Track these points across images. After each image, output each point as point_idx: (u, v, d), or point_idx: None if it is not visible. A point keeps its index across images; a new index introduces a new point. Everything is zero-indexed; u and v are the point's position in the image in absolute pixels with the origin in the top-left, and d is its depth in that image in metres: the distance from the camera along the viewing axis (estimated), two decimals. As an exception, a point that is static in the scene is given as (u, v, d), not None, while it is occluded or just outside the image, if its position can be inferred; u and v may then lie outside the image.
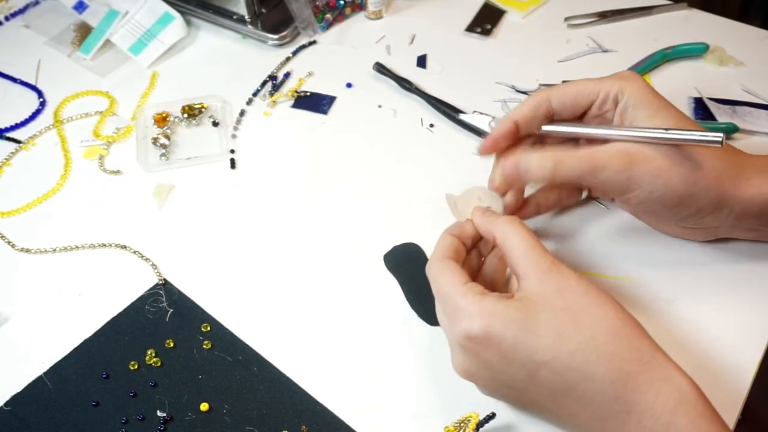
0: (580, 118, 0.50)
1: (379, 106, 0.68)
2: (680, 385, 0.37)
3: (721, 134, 0.43)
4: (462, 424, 0.43)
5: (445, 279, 0.42)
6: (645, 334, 0.39)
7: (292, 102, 0.70)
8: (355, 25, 0.79)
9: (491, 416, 0.43)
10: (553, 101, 0.49)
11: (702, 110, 0.64)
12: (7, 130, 0.69)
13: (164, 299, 0.53)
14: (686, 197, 0.46)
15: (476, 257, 0.48)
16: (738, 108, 0.63)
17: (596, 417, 0.38)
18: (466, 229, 0.47)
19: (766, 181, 0.46)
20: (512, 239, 0.42)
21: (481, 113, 0.65)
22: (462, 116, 0.60)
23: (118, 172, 0.64)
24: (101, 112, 0.70)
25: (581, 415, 0.39)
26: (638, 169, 0.45)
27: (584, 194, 0.56)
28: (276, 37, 0.76)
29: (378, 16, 0.78)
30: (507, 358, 0.39)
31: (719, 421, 0.36)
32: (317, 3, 0.77)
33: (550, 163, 0.46)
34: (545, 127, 0.50)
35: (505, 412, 0.45)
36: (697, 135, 0.43)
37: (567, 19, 0.75)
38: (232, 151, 0.65)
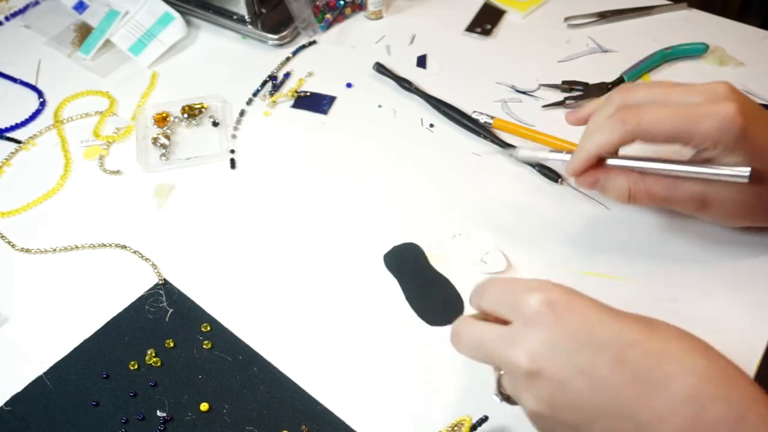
0: None
1: (379, 106, 0.68)
2: (751, 386, 0.33)
3: (749, 169, 0.44)
4: (455, 428, 0.43)
5: (478, 325, 0.39)
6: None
7: (292, 102, 0.70)
8: (355, 25, 0.79)
9: (484, 419, 0.43)
10: (640, 138, 0.45)
11: (702, 110, 0.64)
12: (7, 130, 0.69)
13: (164, 299, 0.53)
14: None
15: None
16: (738, 108, 0.63)
17: (696, 421, 0.33)
18: None
19: None
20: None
21: (481, 113, 0.65)
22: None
23: (118, 172, 0.64)
24: (101, 112, 0.70)
25: (676, 416, 0.33)
26: (710, 212, 0.48)
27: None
28: (276, 37, 0.76)
29: (378, 16, 0.78)
30: (592, 331, 0.35)
31: None
32: (317, 3, 0.77)
33: (625, 196, 0.48)
34: (610, 161, 0.48)
35: (497, 415, 0.45)
36: (726, 170, 0.45)
37: (567, 19, 0.75)
38: (232, 151, 0.65)
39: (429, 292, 0.44)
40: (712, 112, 0.43)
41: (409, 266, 0.53)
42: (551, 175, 0.59)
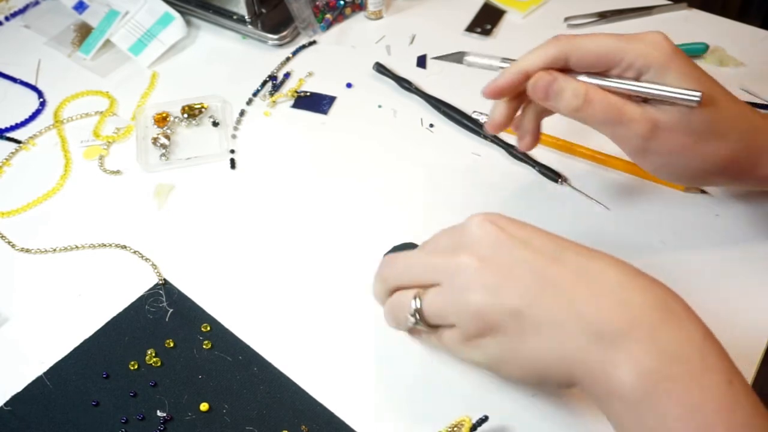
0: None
1: (379, 106, 0.68)
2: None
3: (699, 93, 0.43)
4: (455, 428, 0.43)
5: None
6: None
7: (292, 102, 0.70)
8: (355, 25, 0.79)
9: (484, 419, 0.43)
10: (572, 59, 0.46)
11: (702, 110, 0.64)
12: (7, 130, 0.69)
13: (164, 299, 0.53)
14: (706, 172, 0.47)
15: None
16: (738, 108, 0.63)
17: (625, 311, 0.36)
18: None
19: None
20: None
21: (481, 113, 0.65)
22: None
23: (118, 172, 0.64)
24: (101, 112, 0.70)
25: (606, 305, 0.36)
26: (659, 140, 0.46)
27: None
28: (276, 37, 0.76)
29: (378, 16, 0.78)
30: (531, 232, 0.40)
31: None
32: (317, 3, 0.77)
33: (581, 99, 0.46)
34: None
35: (497, 415, 0.45)
36: (677, 91, 0.44)
37: (567, 19, 0.75)
38: (232, 151, 0.65)
39: None
40: (642, 36, 0.45)
41: None
42: (551, 175, 0.59)
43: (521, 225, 0.41)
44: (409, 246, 0.54)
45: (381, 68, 0.70)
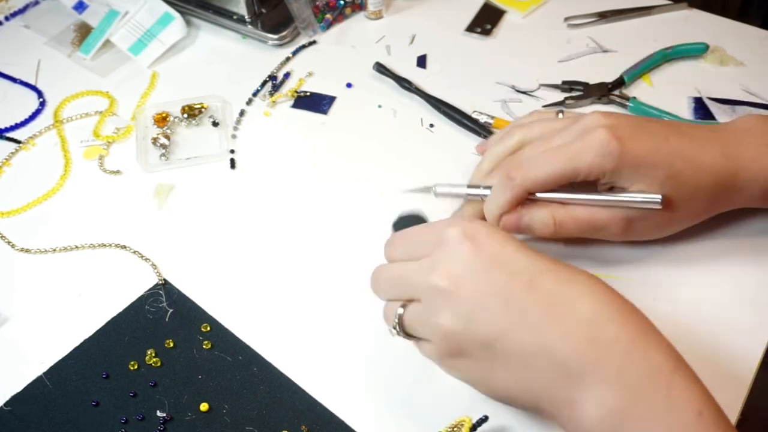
0: None
1: (379, 106, 0.68)
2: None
3: (659, 196, 0.46)
4: (455, 428, 0.43)
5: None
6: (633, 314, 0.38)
7: (292, 102, 0.70)
8: (355, 25, 0.79)
9: (484, 419, 0.43)
10: (532, 189, 0.48)
11: (702, 110, 0.64)
12: (7, 130, 0.69)
13: (164, 299, 0.53)
14: (690, 224, 0.51)
15: None
16: (738, 108, 0.63)
17: (591, 346, 0.36)
18: None
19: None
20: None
21: (481, 113, 0.65)
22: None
23: (118, 172, 0.64)
24: (101, 112, 0.70)
25: (573, 339, 0.36)
26: (636, 227, 0.48)
27: None
28: (276, 37, 0.76)
29: (378, 16, 0.78)
30: (504, 260, 0.38)
31: None
32: (317, 3, 0.77)
33: (552, 228, 0.48)
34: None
35: (497, 415, 0.45)
36: (639, 197, 0.46)
37: (567, 19, 0.75)
38: (232, 151, 0.65)
39: None
40: (587, 143, 0.46)
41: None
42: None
43: (501, 241, 0.40)
44: (415, 217, 0.52)
45: (381, 68, 0.70)
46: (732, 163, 0.47)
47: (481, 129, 0.63)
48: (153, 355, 0.50)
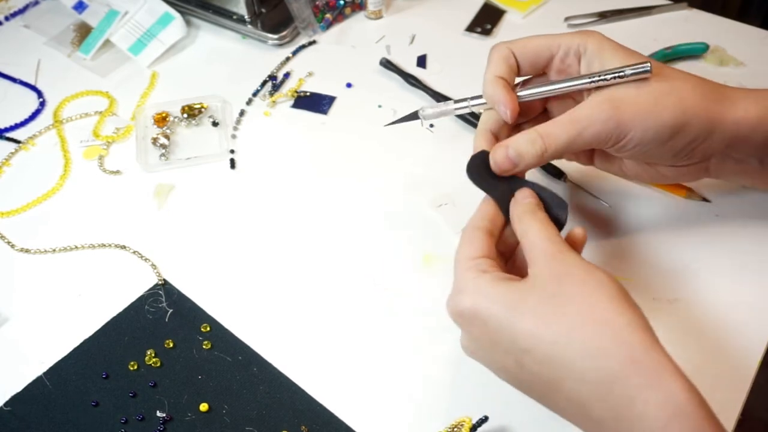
0: (542, 74, 0.50)
1: (380, 106, 0.68)
2: (674, 393, 0.34)
3: (648, 63, 0.44)
4: (455, 428, 0.43)
5: (462, 249, 0.42)
6: (642, 327, 0.36)
7: (292, 102, 0.70)
8: (355, 25, 0.79)
9: (484, 420, 0.43)
10: (516, 53, 0.48)
11: (702, 110, 0.64)
12: (7, 130, 0.69)
13: (164, 299, 0.53)
14: (679, 127, 0.45)
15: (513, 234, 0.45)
16: (738, 108, 0.63)
17: (585, 418, 0.37)
18: None
19: (751, 103, 0.45)
20: (528, 230, 0.42)
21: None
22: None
23: (117, 172, 0.64)
24: (101, 112, 0.70)
25: (571, 413, 0.38)
26: (625, 112, 0.44)
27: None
28: (276, 37, 0.76)
29: (378, 16, 0.78)
30: (493, 340, 0.39)
31: None
32: (317, 3, 0.77)
33: (540, 142, 0.45)
34: (520, 93, 0.48)
35: (497, 415, 0.45)
36: (629, 69, 0.45)
37: (567, 19, 0.75)
38: (232, 151, 0.65)
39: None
40: (574, 33, 0.48)
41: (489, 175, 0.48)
42: (554, 172, 0.59)
43: (484, 321, 0.39)
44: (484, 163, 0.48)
45: (388, 64, 0.70)
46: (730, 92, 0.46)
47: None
48: (153, 355, 0.50)
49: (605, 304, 0.37)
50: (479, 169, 0.47)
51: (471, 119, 0.64)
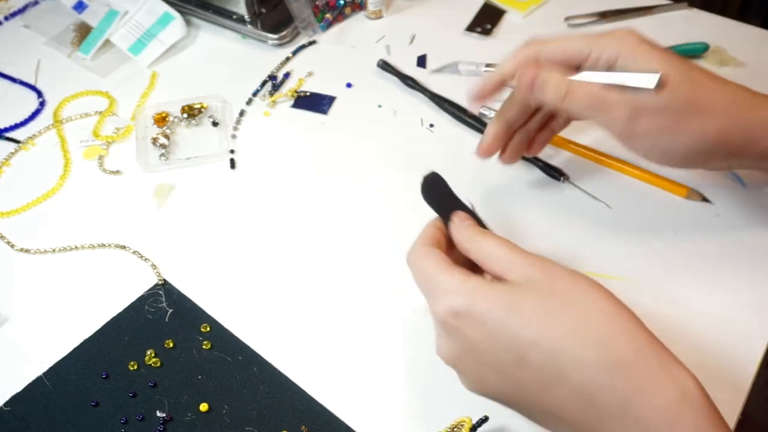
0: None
1: (379, 106, 0.68)
2: (683, 381, 0.35)
3: (657, 74, 0.44)
4: (455, 428, 0.43)
5: (428, 262, 0.41)
6: (642, 326, 0.37)
7: (292, 102, 0.70)
8: (355, 25, 0.79)
9: (484, 420, 0.43)
10: (542, 58, 0.49)
11: (702, 110, 0.63)
12: (7, 130, 0.69)
13: (164, 299, 0.53)
14: (698, 149, 0.46)
15: (462, 254, 0.44)
16: (738, 108, 0.63)
17: (589, 410, 0.36)
18: None
19: None
20: (486, 246, 0.41)
21: (489, 107, 0.65)
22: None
23: (117, 172, 0.64)
24: (101, 112, 0.70)
25: (573, 407, 0.37)
26: (642, 122, 0.45)
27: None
28: (276, 37, 0.76)
29: (378, 16, 0.78)
30: (492, 337, 0.38)
31: (724, 425, 0.34)
32: (317, 3, 0.77)
33: (564, 89, 0.47)
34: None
35: (497, 415, 0.45)
36: (638, 75, 0.45)
37: (567, 19, 0.75)
38: (232, 151, 0.65)
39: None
40: (612, 32, 0.48)
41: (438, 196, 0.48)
42: (553, 173, 0.59)
43: (483, 317, 0.38)
44: (438, 182, 0.49)
45: (386, 65, 0.70)
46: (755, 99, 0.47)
47: (484, 127, 0.63)
48: (153, 355, 0.50)
49: (605, 302, 0.37)
50: (430, 189, 0.47)
51: (471, 121, 0.64)
